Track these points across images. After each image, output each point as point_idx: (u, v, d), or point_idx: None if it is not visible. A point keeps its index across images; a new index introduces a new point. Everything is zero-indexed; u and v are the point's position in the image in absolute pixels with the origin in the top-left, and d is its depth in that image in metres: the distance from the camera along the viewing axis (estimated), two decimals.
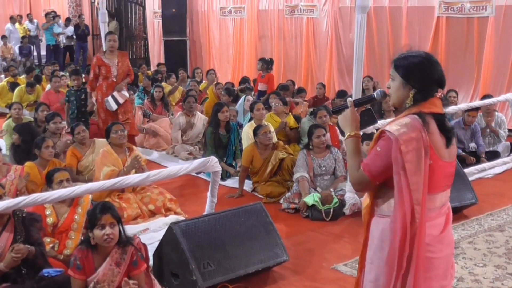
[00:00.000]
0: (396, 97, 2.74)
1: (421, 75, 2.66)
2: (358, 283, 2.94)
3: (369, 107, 2.96)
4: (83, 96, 9.05)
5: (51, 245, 4.65)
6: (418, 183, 2.56)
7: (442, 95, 2.68)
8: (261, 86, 10.52)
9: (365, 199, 2.87)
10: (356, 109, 2.88)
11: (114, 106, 8.09)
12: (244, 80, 11.18)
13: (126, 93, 8.24)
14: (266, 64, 10.80)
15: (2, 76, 13.39)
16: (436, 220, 2.69)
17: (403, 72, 2.69)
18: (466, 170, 6.61)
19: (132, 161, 6.01)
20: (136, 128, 8.68)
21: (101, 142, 6.77)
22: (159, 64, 14.11)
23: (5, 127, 8.17)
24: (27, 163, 5.95)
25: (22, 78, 12.99)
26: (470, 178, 6.55)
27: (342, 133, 2.92)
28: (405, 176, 2.56)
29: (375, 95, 2.90)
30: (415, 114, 2.62)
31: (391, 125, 2.62)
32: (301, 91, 10.58)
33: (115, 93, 8.09)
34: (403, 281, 2.62)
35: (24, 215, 4.16)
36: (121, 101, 8.11)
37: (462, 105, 7.73)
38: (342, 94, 9.79)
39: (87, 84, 8.62)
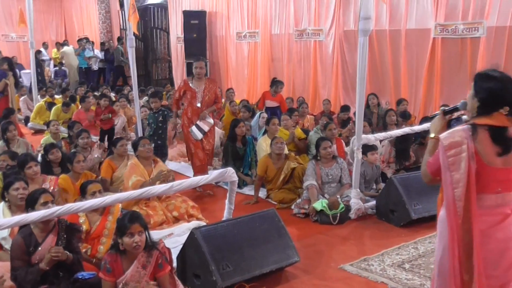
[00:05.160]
0: (469, 104, 2.89)
1: (488, 96, 2.78)
2: None
3: (460, 115, 3.13)
4: (160, 118, 8.44)
5: (84, 250, 4.65)
6: (460, 181, 2.73)
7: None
8: (272, 104, 10.49)
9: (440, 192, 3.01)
10: (448, 116, 3.06)
11: (199, 136, 7.20)
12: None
13: (211, 120, 7.28)
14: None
15: (39, 96, 13.42)
16: (486, 217, 2.80)
17: (475, 87, 2.84)
18: None
19: (158, 174, 6.00)
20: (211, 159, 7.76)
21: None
22: None
23: (43, 142, 8.21)
24: (62, 176, 5.99)
25: (59, 98, 13.12)
26: None
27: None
28: (450, 176, 2.76)
29: (459, 105, 3.02)
30: (469, 125, 2.80)
31: (446, 133, 2.83)
32: (301, 104, 10.40)
33: (199, 122, 7.18)
34: (467, 251, 2.77)
35: (67, 224, 4.21)
36: (206, 129, 7.20)
37: None
38: (345, 108, 9.80)
39: (172, 104, 7.73)
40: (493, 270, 2.80)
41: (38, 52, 18.58)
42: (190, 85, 7.21)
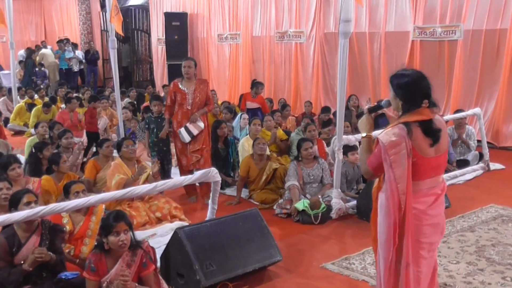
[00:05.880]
0: (393, 105, 3.17)
1: (406, 91, 3.07)
2: (374, 239, 3.32)
3: (384, 112, 3.33)
4: (164, 123, 7.51)
5: (67, 251, 4.63)
6: (402, 177, 3.00)
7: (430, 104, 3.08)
8: (253, 105, 10.54)
9: (377, 180, 3.29)
10: (374, 114, 3.31)
11: (187, 138, 6.81)
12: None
13: (201, 124, 6.84)
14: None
15: (18, 97, 13.21)
16: (424, 199, 3.12)
17: (394, 88, 3.12)
18: None
19: (139, 168, 6.01)
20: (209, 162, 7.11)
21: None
22: (164, 86, 14.09)
23: (29, 143, 8.08)
24: (44, 176, 5.92)
25: (38, 99, 13.00)
26: None
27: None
28: (392, 172, 3.02)
29: (382, 103, 3.26)
30: (403, 124, 3.02)
31: (384, 133, 3.06)
32: (285, 106, 10.53)
33: (189, 124, 6.79)
34: (400, 240, 3.09)
35: (51, 225, 4.19)
36: (195, 132, 6.80)
37: None
38: (326, 110, 9.87)
39: (165, 110, 7.16)
40: (425, 238, 3.13)
41: (33, 52, 18.40)
42: (180, 86, 6.83)
